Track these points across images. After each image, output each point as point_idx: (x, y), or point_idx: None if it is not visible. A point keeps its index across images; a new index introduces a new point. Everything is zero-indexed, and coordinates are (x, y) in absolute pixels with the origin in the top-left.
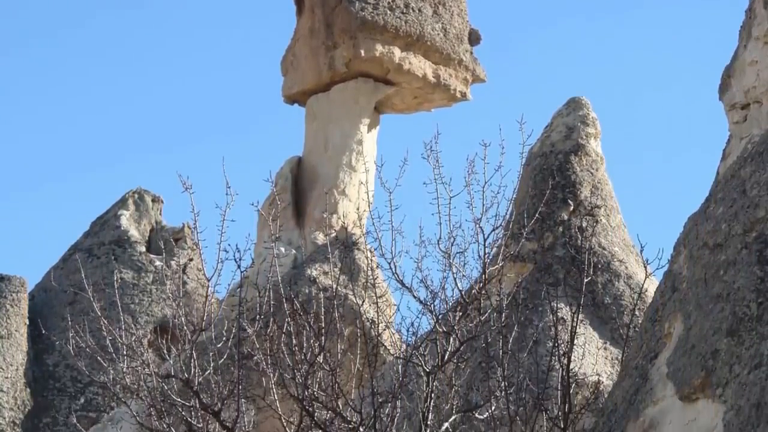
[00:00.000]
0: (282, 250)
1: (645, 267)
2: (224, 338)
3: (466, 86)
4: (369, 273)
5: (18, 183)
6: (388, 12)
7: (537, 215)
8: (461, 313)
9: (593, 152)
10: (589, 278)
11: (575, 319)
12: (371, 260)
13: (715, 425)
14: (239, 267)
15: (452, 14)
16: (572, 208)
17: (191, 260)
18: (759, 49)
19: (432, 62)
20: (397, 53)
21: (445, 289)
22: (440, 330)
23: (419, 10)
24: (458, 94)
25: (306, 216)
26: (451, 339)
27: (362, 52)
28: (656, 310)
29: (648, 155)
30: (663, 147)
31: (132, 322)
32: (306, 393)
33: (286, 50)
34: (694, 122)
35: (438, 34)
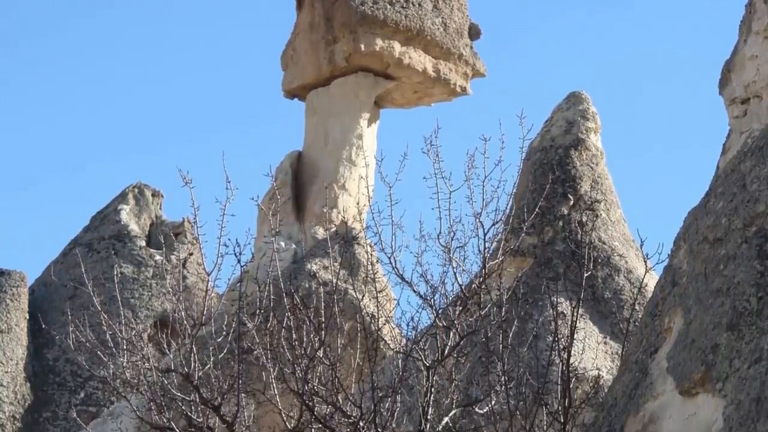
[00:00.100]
0: (282, 245)
1: (645, 261)
2: (224, 333)
3: (466, 81)
4: (369, 267)
5: (18, 177)
6: (388, 6)
7: (537, 210)
8: (461, 308)
9: (593, 147)
10: (589, 273)
11: (575, 314)
12: (371, 255)
13: (715, 420)
14: (239, 261)
15: (452, 9)
16: (572, 203)
17: (191, 255)
18: (759, 44)
19: (432, 57)
20: (397, 48)
21: (445, 284)
22: (440, 324)
23: (419, 5)
24: (458, 89)
25: (306, 210)
26: (451, 333)
27: (362, 47)
28: (656, 305)
29: (648, 150)
30: (663, 141)
31: (132, 317)
32: (306, 387)
33: (286, 45)
34: (694, 117)
35: (438, 29)
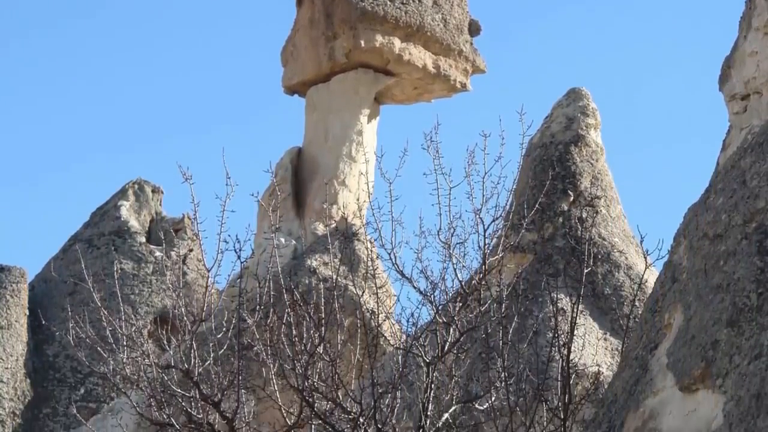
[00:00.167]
0: (282, 241)
1: (645, 258)
2: (224, 329)
3: (466, 77)
4: (369, 264)
5: (18, 173)
6: (388, 2)
7: (537, 206)
8: (461, 304)
9: (593, 143)
10: (589, 269)
11: (575, 310)
12: (371, 251)
13: (715, 416)
14: (239, 258)
15: (452, 5)
16: (572, 199)
17: (191, 251)
18: (759, 40)
19: (432, 53)
20: (397, 44)
21: (445, 280)
22: (440, 321)
23: (419, 1)
24: (458, 85)
25: (306, 207)
26: (451, 330)
27: (362, 43)
28: (656, 301)
29: (648, 146)
30: (663, 138)
31: (132, 313)
32: (306, 384)
33: (286, 41)
34: (694, 113)
35: (438, 25)
